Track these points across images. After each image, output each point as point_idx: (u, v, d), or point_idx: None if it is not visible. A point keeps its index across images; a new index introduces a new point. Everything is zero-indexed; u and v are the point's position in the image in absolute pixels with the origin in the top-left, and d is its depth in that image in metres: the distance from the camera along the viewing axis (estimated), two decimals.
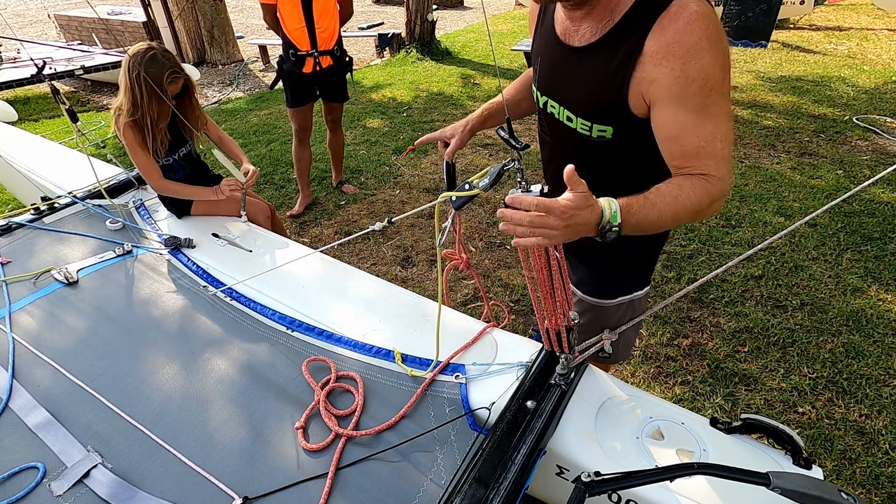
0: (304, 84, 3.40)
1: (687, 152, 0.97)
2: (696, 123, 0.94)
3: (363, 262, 3.19)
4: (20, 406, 1.40)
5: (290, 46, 3.26)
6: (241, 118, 5.84)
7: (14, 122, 4.95)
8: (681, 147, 0.97)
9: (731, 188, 1.00)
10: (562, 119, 1.16)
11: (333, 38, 3.31)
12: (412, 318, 1.63)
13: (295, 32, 3.21)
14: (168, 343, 1.61)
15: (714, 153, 0.95)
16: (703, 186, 0.95)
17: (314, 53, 3.27)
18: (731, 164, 0.99)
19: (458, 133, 1.40)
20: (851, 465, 1.88)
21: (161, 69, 1.93)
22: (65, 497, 1.18)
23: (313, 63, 3.30)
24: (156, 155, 2.09)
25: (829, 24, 8.53)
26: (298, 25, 3.18)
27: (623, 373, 2.32)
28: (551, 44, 1.14)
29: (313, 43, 3.24)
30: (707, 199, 0.96)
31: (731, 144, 0.97)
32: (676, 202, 0.94)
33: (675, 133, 0.96)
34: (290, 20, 3.18)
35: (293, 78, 3.37)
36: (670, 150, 0.99)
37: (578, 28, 1.05)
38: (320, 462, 1.23)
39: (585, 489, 0.95)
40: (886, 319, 2.49)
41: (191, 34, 8.16)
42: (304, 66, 3.31)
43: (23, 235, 2.16)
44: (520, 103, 1.48)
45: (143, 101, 1.94)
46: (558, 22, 1.11)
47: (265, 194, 4.03)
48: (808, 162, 4.03)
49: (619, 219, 0.89)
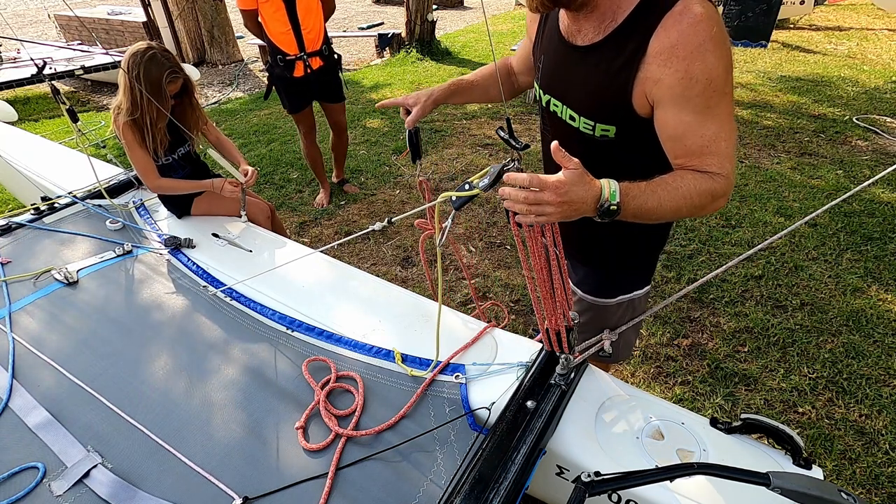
0: (298, 88, 3.30)
1: (690, 151, 0.98)
2: (700, 123, 0.95)
3: (363, 262, 3.19)
4: (20, 406, 1.40)
5: (277, 52, 3.14)
6: (241, 118, 5.84)
7: (14, 122, 4.95)
8: (684, 146, 0.98)
9: (733, 186, 1.03)
10: (564, 118, 1.16)
11: (320, 38, 3.19)
12: (412, 318, 1.63)
13: (280, 36, 3.09)
14: (168, 343, 1.61)
15: (718, 152, 0.96)
16: (706, 182, 0.97)
17: (303, 56, 3.15)
18: (735, 162, 1.00)
19: (420, 102, 1.37)
20: (851, 465, 1.88)
21: (160, 69, 1.93)
22: (65, 497, 1.18)
23: (303, 66, 3.19)
24: (155, 154, 2.09)
25: (829, 24, 8.53)
26: (283, 29, 3.06)
27: (623, 373, 2.32)
28: (555, 42, 1.14)
29: (301, 45, 3.12)
30: (709, 195, 0.97)
31: (734, 143, 0.98)
32: (677, 193, 0.95)
33: (679, 133, 0.98)
34: (273, 24, 3.05)
35: (285, 83, 3.27)
36: (674, 150, 1.00)
37: (581, 27, 1.06)
38: (320, 462, 1.23)
39: (585, 489, 0.95)
40: (886, 319, 2.49)
41: (191, 34, 8.16)
42: (295, 70, 3.20)
43: (23, 235, 2.16)
44: (488, 89, 1.47)
45: (143, 100, 1.94)
46: (562, 21, 1.12)
47: (265, 194, 4.02)
48: (808, 162, 4.03)
49: (617, 197, 0.90)
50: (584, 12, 1.01)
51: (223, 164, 2.21)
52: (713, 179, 0.97)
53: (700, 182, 0.97)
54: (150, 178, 2.13)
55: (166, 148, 2.12)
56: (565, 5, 1.00)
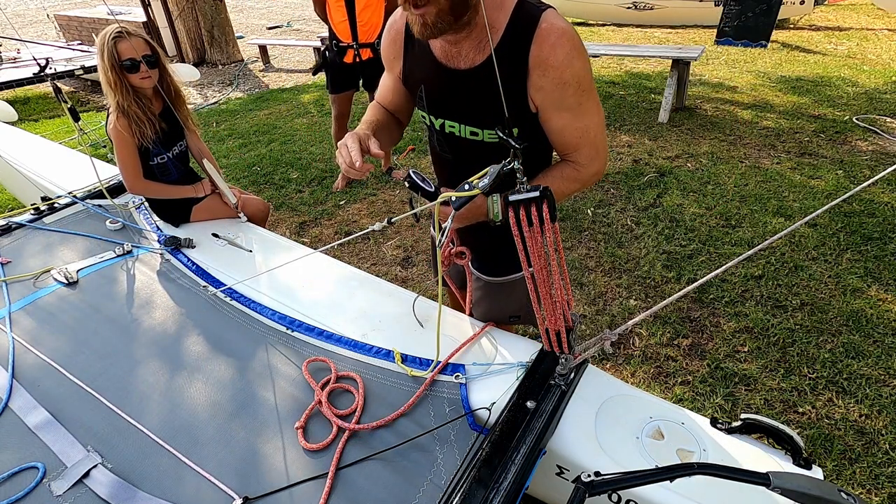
0: (345, 73, 3.66)
1: (568, 144, 1.20)
2: (574, 119, 1.16)
3: (363, 262, 3.19)
4: (20, 406, 1.40)
5: (334, 37, 3.53)
6: (241, 118, 5.84)
7: (14, 122, 4.95)
8: (563, 140, 1.20)
9: (605, 165, 1.26)
10: (464, 135, 1.25)
11: (375, 32, 3.48)
12: (412, 318, 1.63)
13: (338, 24, 3.46)
14: (168, 343, 1.61)
15: (589, 142, 1.19)
16: (572, 171, 1.22)
17: (354, 45, 3.49)
18: (605, 147, 1.23)
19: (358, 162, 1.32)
20: (851, 465, 1.88)
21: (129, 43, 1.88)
22: (65, 497, 1.18)
23: (353, 54, 3.53)
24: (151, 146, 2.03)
25: (829, 24, 8.53)
26: (342, 18, 3.42)
27: (623, 373, 2.32)
28: (433, 69, 1.21)
29: (354, 35, 3.46)
30: (577, 183, 1.24)
31: (603, 132, 1.21)
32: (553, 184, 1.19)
33: (559, 128, 1.18)
34: (335, 13, 3.44)
35: (334, 67, 3.64)
36: (556, 142, 1.22)
37: (461, 50, 1.15)
38: (320, 462, 1.23)
39: (585, 489, 0.95)
40: (886, 319, 2.49)
41: (191, 34, 8.16)
42: (345, 56, 3.56)
43: (23, 235, 2.16)
44: (392, 132, 1.41)
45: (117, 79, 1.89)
46: (435, 48, 1.19)
47: (265, 194, 4.03)
48: (808, 162, 4.03)
49: (500, 217, 1.12)
50: (465, 32, 1.11)
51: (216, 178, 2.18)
52: (576, 170, 1.22)
53: (565, 172, 1.22)
54: (135, 179, 2.06)
55: (160, 138, 2.06)
56: (456, 29, 1.09)
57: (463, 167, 1.29)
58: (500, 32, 1.10)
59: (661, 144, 4.46)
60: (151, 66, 1.96)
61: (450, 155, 1.33)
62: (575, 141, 1.19)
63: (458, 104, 1.22)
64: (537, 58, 1.08)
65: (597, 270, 2.96)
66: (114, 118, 1.96)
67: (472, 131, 1.23)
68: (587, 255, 3.09)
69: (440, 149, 1.36)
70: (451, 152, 1.32)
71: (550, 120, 1.17)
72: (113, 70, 1.89)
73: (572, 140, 1.19)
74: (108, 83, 1.91)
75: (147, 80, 1.96)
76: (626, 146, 4.48)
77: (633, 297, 2.74)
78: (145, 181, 2.10)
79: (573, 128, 1.17)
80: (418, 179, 1.19)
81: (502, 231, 1.15)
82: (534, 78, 1.10)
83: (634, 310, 2.66)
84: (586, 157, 1.21)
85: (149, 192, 2.14)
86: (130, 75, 1.92)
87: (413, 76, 1.28)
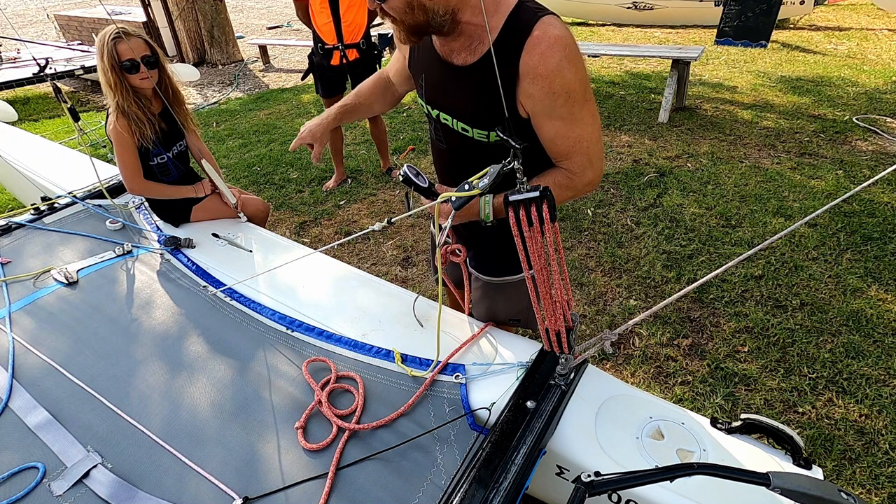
0: (333, 76, 3.64)
1: (560, 152, 1.18)
2: (566, 128, 1.14)
3: (363, 262, 3.19)
4: (20, 406, 1.41)
5: (319, 40, 3.50)
6: (241, 118, 5.84)
7: (14, 122, 4.95)
8: (556, 147, 1.18)
9: (599, 175, 1.23)
10: (457, 129, 1.26)
11: (360, 33, 3.49)
12: (412, 318, 1.63)
13: (323, 27, 3.44)
14: (168, 343, 1.61)
15: (582, 151, 1.17)
16: (565, 179, 1.20)
17: (340, 47, 3.48)
18: (600, 157, 1.21)
19: (317, 136, 1.54)
20: (851, 465, 1.88)
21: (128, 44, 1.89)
22: (65, 497, 1.18)
23: (340, 56, 3.51)
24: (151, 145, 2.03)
25: (829, 24, 8.52)
26: (326, 20, 3.41)
27: (623, 373, 2.32)
28: (434, 60, 1.23)
29: (339, 36, 3.45)
30: (569, 191, 1.22)
31: (597, 142, 1.18)
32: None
33: (551, 136, 1.16)
34: (319, 15, 3.42)
35: (322, 70, 3.61)
36: (549, 150, 1.20)
37: (453, 49, 1.18)
38: (320, 462, 1.23)
39: (585, 489, 0.95)
40: (886, 319, 2.49)
41: (191, 34, 8.16)
42: (332, 58, 3.53)
43: (23, 235, 2.16)
44: (372, 105, 1.59)
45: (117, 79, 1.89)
46: (436, 41, 1.21)
47: (265, 194, 4.03)
48: (808, 162, 4.03)
49: (491, 217, 1.19)
50: (451, 37, 1.14)
51: (215, 178, 2.18)
52: (569, 178, 1.20)
53: (557, 178, 1.19)
54: (135, 179, 2.06)
55: (160, 138, 2.06)
56: (435, 32, 1.12)
57: (457, 158, 1.34)
58: (495, 36, 1.10)
59: (661, 144, 4.46)
60: (151, 66, 1.96)
61: (444, 145, 1.35)
62: (567, 150, 1.17)
63: (452, 98, 1.23)
64: (527, 65, 1.07)
65: (597, 270, 2.96)
66: (113, 118, 1.96)
67: (463, 127, 1.23)
68: (587, 255, 3.09)
69: (436, 137, 1.38)
70: (446, 142, 1.34)
71: (542, 127, 1.16)
72: (113, 71, 1.89)
73: (564, 149, 1.18)
74: (108, 84, 1.92)
75: (147, 81, 1.96)
76: (626, 146, 4.48)
77: (633, 297, 2.74)
78: (145, 181, 2.10)
79: (565, 137, 1.15)
80: (412, 174, 1.21)
81: (501, 231, 1.15)
82: (524, 85, 1.09)
83: (634, 310, 2.66)
84: (579, 166, 1.19)
85: (149, 193, 2.14)
86: (130, 76, 1.92)
87: (417, 64, 1.31)
